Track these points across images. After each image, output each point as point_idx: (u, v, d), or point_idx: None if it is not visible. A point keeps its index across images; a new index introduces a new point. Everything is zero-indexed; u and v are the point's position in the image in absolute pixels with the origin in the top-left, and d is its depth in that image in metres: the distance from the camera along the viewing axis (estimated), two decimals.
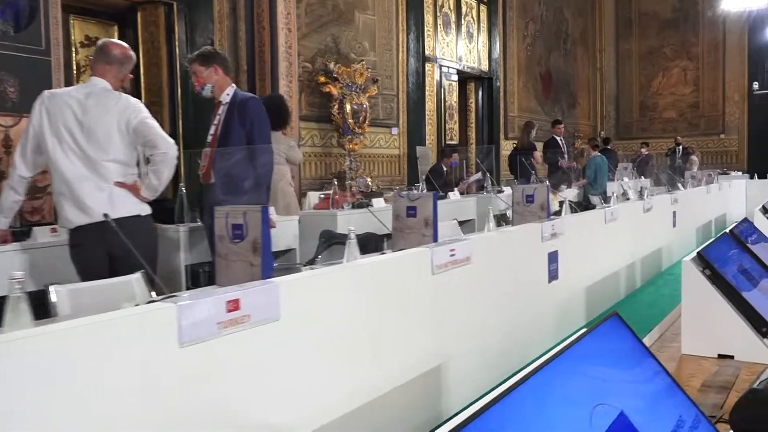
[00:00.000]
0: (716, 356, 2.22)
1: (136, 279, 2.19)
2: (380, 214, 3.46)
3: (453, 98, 9.25)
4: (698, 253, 2.84)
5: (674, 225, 6.24)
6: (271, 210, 3.66)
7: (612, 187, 9.20)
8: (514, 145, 8.42)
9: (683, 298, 2.81)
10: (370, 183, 6.85)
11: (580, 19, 13.73)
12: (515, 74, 11.07)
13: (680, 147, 12.32)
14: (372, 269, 2.13)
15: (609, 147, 11.94)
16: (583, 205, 5.20)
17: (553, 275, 3.43)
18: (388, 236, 3.43)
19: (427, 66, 8.67)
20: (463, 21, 9.50)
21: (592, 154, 7.72)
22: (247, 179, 3.26)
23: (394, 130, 8.07)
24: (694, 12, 13.86)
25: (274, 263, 3.65)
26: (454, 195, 5.82)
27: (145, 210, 2.74)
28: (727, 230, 3.69)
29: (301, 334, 1.77)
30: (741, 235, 3.73)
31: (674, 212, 6.22)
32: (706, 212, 8.16)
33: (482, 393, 2.52)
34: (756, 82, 12.85)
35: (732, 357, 2.24)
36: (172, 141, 2.80)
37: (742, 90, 13.30)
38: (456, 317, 2.49)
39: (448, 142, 9.10)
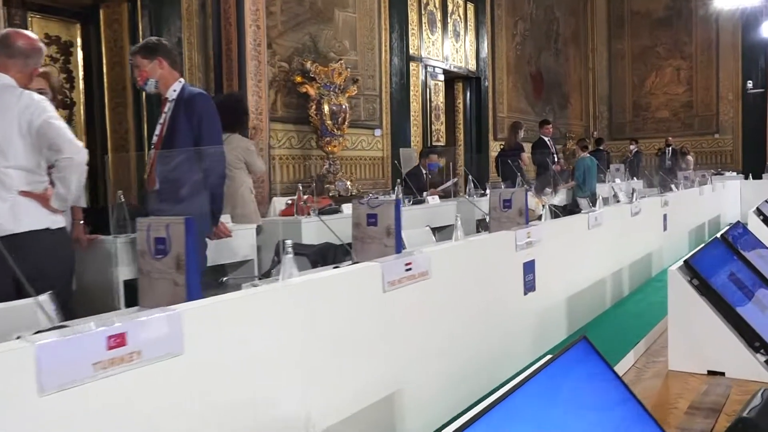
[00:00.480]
0: (705, 373, 2.06)
1: (42, 301, 1.91)
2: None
3: (439, 99, 9.00)
4: (685, 261, 2.58)
5: (665, 228, 5.99)
6: (227, 218, 3.40)
7: (603, 190, 8.98)
8: (501, 147, 8.18)
9: (669, 310, 2.54)
10: (349, 186, 6.59)
11: (571, 18, 13.50)
12: (504, 74, 10.83)
13: (670, 148, 12.10)
14: (309, 289, 1.86)
15: (601, 148, 11.72)
16: (568, 208, 4.97)
17: (529, 286, 3.18)
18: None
19: (412, 65, 8.43)
20: (449, 19, 9.26)
21: (581, 156, 7.47)
22: (193, 185, 2.99)
23: (377, 132, 7.82)
24: (687, 10, 13.65)
25: (225, 277, 3.41)
26: (433, 199, 5.57)
27: (57, 222, 2.45)
28: (718, 235, 3.44)
29: (214, 370, 1.50)
30: (733, 241, 3.47)
31: (665, 215, 5.98)
32: (699, 214, 7.93)
33: (442, 423, 2.26)
34: (750, 81, 12.64)
35: (723, 374, 2.02)
36: (80, 144, 2.49)
37: (736, 89, 13.08)
38: (412, 340, 2.23)
39: (434, 144, 8.85)
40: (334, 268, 2.33)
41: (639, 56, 14.19)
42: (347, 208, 4.42)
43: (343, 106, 6.61)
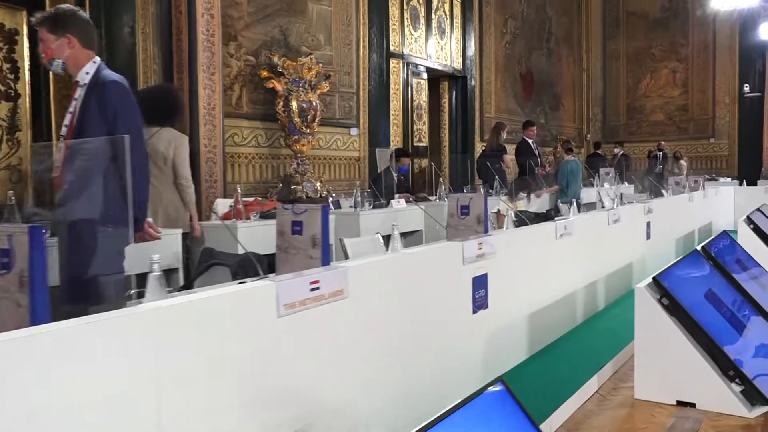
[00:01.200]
0: (674, 403, 1.87)
1: None
2: None
3: (422, 97, 8.67)
4: (654, 278, 2.26)
5: (648, 237, 5.65)
6: (152, 221, 3.06)
7: (591, 194, 8.64)
8: (483, 148, 7.84)
9: (636, 333, 2.23)
10: (318, 187, 6.25)
11: (564, 17, 13.17)
12: (492, 73, 10.50)
13: (662, 152, 11.77)
14: (173, 315, 1.52)
15: (599, 152, 11.40)
16: (552, 214, 4.63)
17: (480, 304, 2.84)
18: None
19: (392, 62, 8.09)
20: (433, 15, 8.92)
21: (565, 159, 7.14)
22: (107, 185, 2.63)
23: (354, 131, 7.48)
24: (684, 11, 13.32)
25: (134, 290, 3.08)
26: (398, 203, 5.23)
27: None
28: (699, 247, 3.08)
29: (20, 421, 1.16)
30: (715, 254, 3.09)
31: (648, 223, 5.64)
32: (688, 222, 7.60)
33: None
34: (747, 85, 12.30)
35: (693, 405, 1.84)
36: None
37: (732, 92, 12.75)
38: (317, 374, 1.88)
39: (416, 144, 8.52)
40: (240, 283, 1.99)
41: (634, 58, 13.86)
42: None
43: (314, 104, 6.28)
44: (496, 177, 7.00)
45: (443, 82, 9.75)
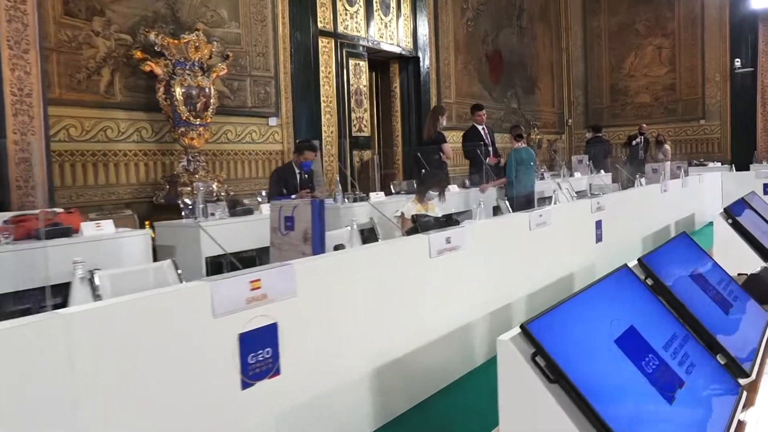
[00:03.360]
0: None
1: None
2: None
3: (361, 81, 7.67)
4: (522, 326, 1.33)
5: (599, 239, 4.67)
6: None
7: (551, 186, 7.63)
8: (422, 138, 6.83)
9: (500, 413, 1.30)
10: (215, 188, 5.29)
11: None
12: (451, 54, 9.46)
13: (643, 136, 10.73)
14: None
15: (600, 135, 10.37)
16: (442, 219, 3.64)
17: (256, 375, 1.88)
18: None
19: (322, 42, 7.10)
20: None
21: (515, 146, 6.12)
22: None
23: (272, 121, 6.50)
24: None
25: None
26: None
27: None
28: (631, 263, 2.19)
29: None
30: (656, 268, 2.14)
31: (598, 222, 4.65)
32: (663, 216, 6.59)
33: None
34: (738, 60, 11.20)
35: None
36: None
37: (723, 69, 11.65)
38: None
39: (355, 135, 7.53)
40: None
41: (617, 35, 12.77)
42: (107, 224, 3.12)
43: (206, 89, 5.30)
44: (422, 171, 6.03)
45: (393, 64, 8.74)
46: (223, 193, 5.31)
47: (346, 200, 4.63)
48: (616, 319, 1.44)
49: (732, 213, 5.45)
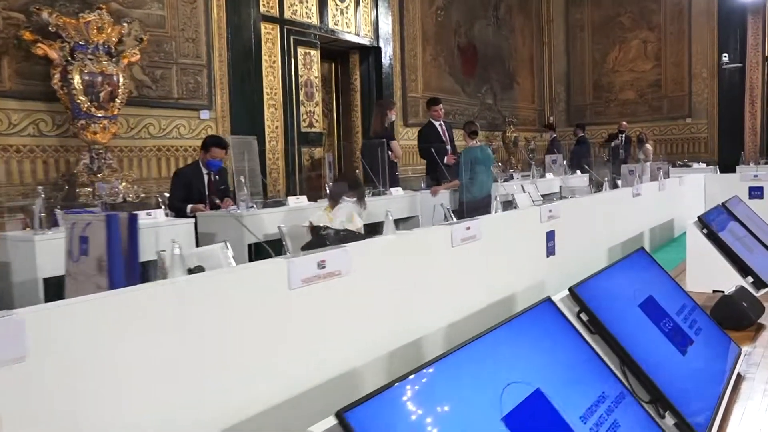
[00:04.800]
0: None
1: None
2: None
3: (312, 72, 7.02)
4: (571, 289, 1.56)
5: (551, 253, 4.03)
6: None
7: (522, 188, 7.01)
8: (369, 135, 6.20)
9: None
10: (121, 189, 4.65)
11: None
12: (418, 45, 8.82)
13: (623, 135, 10.13)
14: None
15: (584, 134, 9.77)
16: (349, 234, 3.01)
17: None
18: None
19: (266, 28, 6.46)
20: None
21: (469, 145, 5.50)
22: None
23: (204, 114, 5.86)
24: None
25: None
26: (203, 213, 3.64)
27: None
28: (557, 297, 1.65)
29: None
30: (588, 298, 1.83)
31: (550, 233, 4.02)
32: (634, 223, 5.96)
33: None
34: (725, 55, 10.60)
35: None
36: None
37: (711, 65, 11.05)
38: None
39: (304, 131, 6.89)
40: None
41: (600, 28, 12.15)
42: None
43: (114, 77, 4.66)
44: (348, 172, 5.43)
45: (353, 55, 8.10)
46: (131, 195, 4.68)
47: (254, 206, 4.00)
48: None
49: (707, 222, 4.76)
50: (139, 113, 5.27)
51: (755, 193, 7.76)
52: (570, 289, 1.66)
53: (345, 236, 2.86)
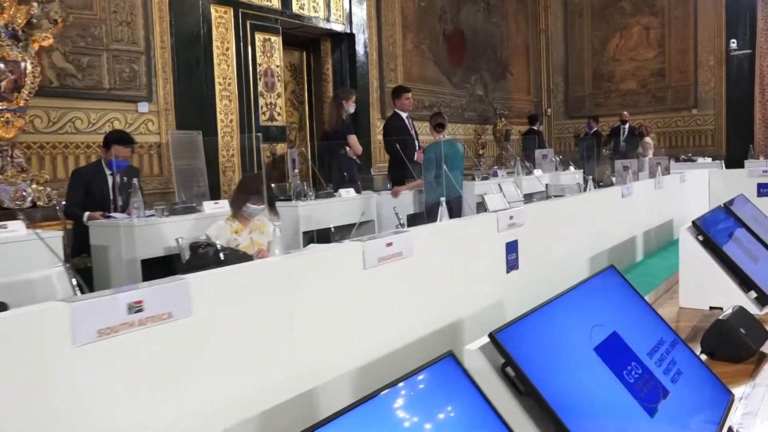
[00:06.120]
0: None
1: None
2: None
3: (273, 61, 6.40)
4: (491, 335, 1.33)
5: (513, 267, 3.39)
6: None
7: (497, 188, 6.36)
8: (325, 129, 5.56)
9: None
10: (29, 192, 4.06)
11: None
12: (398, 32, 8.18)
13: (626, 126, 9.45)
14: None
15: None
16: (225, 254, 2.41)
17: None
18: None
19: (217, 11, 5.84)
20: None
21: (435, 139, 4.86)
22: None
23: (143, 106, 5.27)
24: None
25: None
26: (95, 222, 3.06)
27: None
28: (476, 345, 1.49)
29: None
30: (520, 348, 1.45)
31: (511, 244, 3.38)
32: (626, 225, 5.28)
33: None
34: (734, 41, 9.86)
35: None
36: None
37: (718, 52, 10.31)
38: None
39: (263, 124, 6.27)
40: None
41: (600, 13, 11.42)
42: None
43: (20, 64, 4.07)
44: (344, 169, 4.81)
45: (325, 42, 7.48)
46: (41, 199, 4.09)
47: (154, 214, 3.39)
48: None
49: (703, 227, 4.03)
50: (63, 105, 4.69)
51: (764, 190, 7.04)
52: (491, 335, 1.32)
53: (228, 256, 2.25)
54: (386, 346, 2.28)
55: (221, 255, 2.22)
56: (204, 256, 2.25)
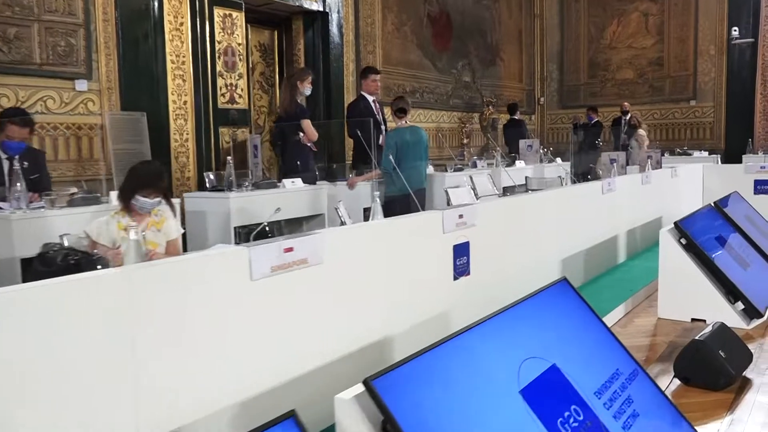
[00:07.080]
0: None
1: None
2: None
3: (235, 39, 5.93)
4: (366, 381, 1.15)
5: (462, 273, 2.97)
6: None
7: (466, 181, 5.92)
8: (278, 113, 5.10)
9: None
10: None
11: None
12: (377, 11, 7.69)
13: (627, 117, 8.99)
14: None
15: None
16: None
17: None
18: None
19: None
20: None
21: (396, 126, 4.40)
22: None
23: (81, 84, 4.82)
24: None
25: None
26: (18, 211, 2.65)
27: None
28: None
29: None
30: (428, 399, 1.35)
31: (460, 247, 2.95)
32: (607, 223, 4.91)
33: None
34: (736, 29, 9.35)
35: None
36: None
37: (719, 40, 9.81)
38: None
39: (222, 107, 5.81)
40: None
41: None
42: None
43: None
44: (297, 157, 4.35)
45: (296, 21, 7.00)
46: None
47: (46, 206, 2.95)
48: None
49: (687, 229, 3.64)
50: None
51: (761, 187, 6.57)
52: (366, 383, 1.07)
53: (78, 261, 1.82)
54: (271, 379, 1.85)
55: (71, 260, 1.79)
56: (50, 261, 1.83)
